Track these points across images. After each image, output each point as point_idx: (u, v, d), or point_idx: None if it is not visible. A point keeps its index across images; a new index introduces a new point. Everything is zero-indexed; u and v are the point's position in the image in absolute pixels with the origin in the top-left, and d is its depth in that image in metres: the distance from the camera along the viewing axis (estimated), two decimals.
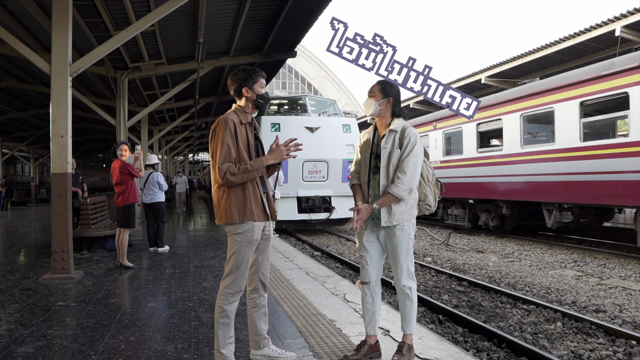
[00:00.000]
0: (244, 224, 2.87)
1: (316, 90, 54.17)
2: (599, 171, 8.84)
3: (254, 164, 2.86)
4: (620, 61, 8.71)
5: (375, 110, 3.06)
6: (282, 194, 10.81)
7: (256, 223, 2.90)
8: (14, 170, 29.82)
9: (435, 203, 3.18)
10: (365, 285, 3.12)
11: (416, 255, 9.98)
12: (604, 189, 8.83)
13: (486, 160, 12.22)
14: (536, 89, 10.54)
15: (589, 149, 9.09)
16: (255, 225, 2.90)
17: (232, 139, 2.86)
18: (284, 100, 14.61)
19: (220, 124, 2.88)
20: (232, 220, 2.86)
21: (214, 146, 2.88)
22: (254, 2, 8.48)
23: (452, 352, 3.32)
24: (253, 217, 2.88)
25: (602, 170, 8.80)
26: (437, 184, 3.21)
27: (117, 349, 3.38)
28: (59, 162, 5.92)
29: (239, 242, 2.88)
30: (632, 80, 8.19)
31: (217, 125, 2.90)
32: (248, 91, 2.97)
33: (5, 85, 12.70)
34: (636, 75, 8.15)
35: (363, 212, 2.96)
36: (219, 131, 2.86)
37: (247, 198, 2.88)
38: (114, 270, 6.45)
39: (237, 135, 2.89)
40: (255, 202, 2.91)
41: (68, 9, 5.86)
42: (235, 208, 2.86)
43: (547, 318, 5.35)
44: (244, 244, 2.88)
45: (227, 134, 2.85)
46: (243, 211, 2.86)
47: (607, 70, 8.78)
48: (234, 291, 2.88)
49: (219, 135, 2.85)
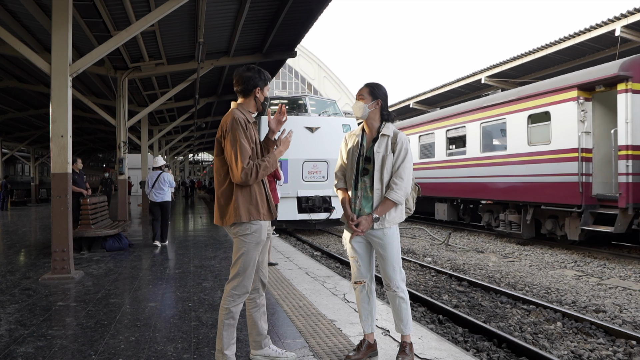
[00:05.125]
0: (252, 225, 2.85)
1: (316, 90, 54.16)
2: (539, 173, 10.33)
3: (269, 159, 2.86)
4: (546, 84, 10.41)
5: (365, 113, 3.08)
6: (282, 194, 10.80)
7: (263, 223, 2.90)
8: (14, 170, 29.81)
9: (414, 206, 3.24)
10: (360, 285, 3.15)
11: (416, 255, 9.98)
12: (544, 190, 10.19)
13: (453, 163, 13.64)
14: (494, 101, 11.92)
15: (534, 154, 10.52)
16: (262, 225, 2.90)
17: (247, 137, 2.84)
18: (284, 100, 14.60)
19: (234, 123, 2.81)
20: (242, 220, 2.82)
21: (231, 146, 2.79)
22: (254, 2, 8.48)
23: (452, 352, 3.32)
24: (260, 217, 2.87)
25: (540, 173, 10.31)
26: (415, 188, 3.26)
27: (117, 349, 3.38)
28: (59, 162, 5.92)
29: (247, 243, 2.85)
30: (552, 100, 9.95)
31: (231, 125, 2.81)
32: (260, 92, 2.96)
33: (5, 85, 12.70)
34: (555, 96, 9.86)
35: (364, 224, 2.99)
36: (236, 131, 2.79)
37: (255, 197, 2.87)
38: (114, 270, 6.45)
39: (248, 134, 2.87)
40: (261, 202, 2.91)
41: (68, 9, 5.86)
42: (245, 208, 2.83)
43: (547, 318, 5.35)
44: (252, 244, 2.86)
45: (243, 133, 2.81)
46: (254, 211, 2.85)
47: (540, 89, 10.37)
48: (241, 292, 2.86)
49: (237, 134, 2.79)
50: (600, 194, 9.27)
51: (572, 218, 9.75)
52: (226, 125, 2.84)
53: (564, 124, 9.66)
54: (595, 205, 9.29)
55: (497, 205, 12.03)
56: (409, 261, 8.93)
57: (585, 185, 9.22)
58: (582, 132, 9.27)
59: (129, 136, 14.53)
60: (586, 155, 9.28)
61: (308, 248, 11.06)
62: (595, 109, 9.44)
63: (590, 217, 9.30)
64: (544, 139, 10.28)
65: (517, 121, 10.97)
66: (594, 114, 9.41)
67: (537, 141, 10.48)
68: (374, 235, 3.02)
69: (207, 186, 40.39)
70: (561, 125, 9.73)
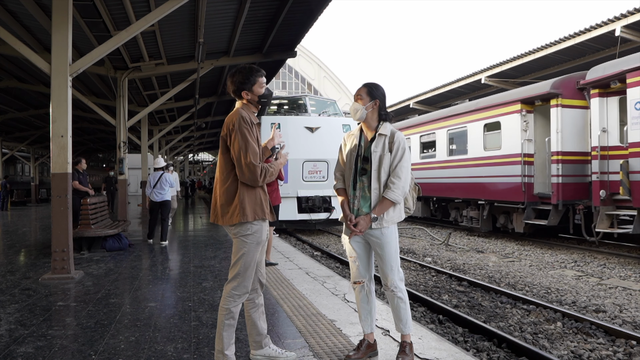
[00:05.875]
0: (254, 225, 2.85)
1: (316, 90, 54.16)
2: (493, 175, 11.99)
3: (275, 167, 2.91)
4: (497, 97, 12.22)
5: (363, 114, 3.08)
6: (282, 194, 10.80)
7: (264, 223, 2.92)
8: (14, 170, 29.81)
9: (414, 206, 3.24)
10: (359, 285, 3.15)
11: (416, 255, 9.98)
12: (497, 189, 11.83)
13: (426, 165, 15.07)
14: (458, 111, 13.59)
15: (488, 158, 12.19)
16: (263, 225, 2.91)
17: (253, 136, 2.84)
18: (284, 100, 14.60)
19: (242, 121, 2.80)
20: (246, 219, 2.81)
21: (239, 144, 2.77)
22: (254, 2, 8.48)
23: (452, 352, 3.32)
24: (264, 216, 2.89)
25: (494, 174, 11.96)
26: (414, 187, 3.27)
27: (117, 349, 3.38)
28: (59, 162, 5.92)
29: (249, 244, 2.85)
30: (502, 112, 11.66)
31: (238, 123, 2.80)
32: (248, 94, 2.93)
33: (5, 85, 12.70)
34: (504, 109, 11.54)
35: (363, 224, 2.99)
36: (244, 129, 2.79)
37: (259, 197, 2.88)
38: (114, 270, 6.45)
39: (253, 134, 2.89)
40: (265, 202, 2.93)
41: (68, 9, 5.86)
42: (250, 207, 2.83)
43: (547, 318, 5.35)
44: (253, 244, 2.86)
45: (251, 132, 2.81)
46: (259, 210, 2.86)
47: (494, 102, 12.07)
48: (241, 292, 2.86)
49: (245, 132, 2.78)
50: (541, 193, 10.77)
51: (518, 213, 11.31)
52: (232, 124, 2.83)
53: (511, 132, 11.25)
54: (536, 202, 10.86)
55: (462, 203, 13.54)
56: (409, 261, 8.93)
57: (528, 185, 10.80)
58: (524, 139, 10.86)
59: (129, 136, 14.53)
60: (528, 159, 10.87)
61: (308, 248, 11.06)
62: (536, 120, 11.08)
63: (532, 212, 10.92)
64: (496, 145, 11.87)
65: (475, 129, 12.62)
66: (536, 124, 11.05)
67: (491, 147, 12.10)
68: (372, 235, 3.03)
69: (207, 186, 40.39)
70: (509, 133, 11.32)
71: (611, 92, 9.32)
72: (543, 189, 10.85)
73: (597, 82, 9.37)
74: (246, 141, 2.77)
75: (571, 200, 10.14)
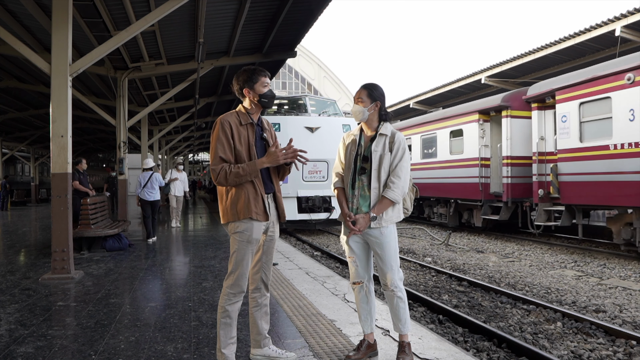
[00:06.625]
0: (242, 223, 2.89)
1: (316, 90, 54.15)
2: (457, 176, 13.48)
3: (246, 168, 2.86)
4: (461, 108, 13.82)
5: (365, 117, 3.11)
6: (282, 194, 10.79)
7: (255, 222, 2.91)
8: (14, 170, 29.80)
9: (411, 207, 3.27)
10: (358, 285, 3.15)
11: (416, 255, 9.98)
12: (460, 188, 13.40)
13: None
14: (429, 119, 15.36)
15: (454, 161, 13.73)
16: (254, 225, 2.90)
17: (228, 140, 2.88)
18: (284, 100, 14.60)
19: (215, 125, 2.93)
20: (232, 219, 2.91)
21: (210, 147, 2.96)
22: (254, 2, 8.47)
23: (452, 352, 3.32)
24: (251, 215, 2.88)
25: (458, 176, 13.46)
26: (412, 188, 3.29)
27: (117, 349, 3.38)
28: (59, 162, 5.92)
29: (239, 241, 2.90)
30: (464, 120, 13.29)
31: (213, 127, 2.96)
32: (249, 92, 2.98)
33: (5, 85, 12.69)
34: (465, 118, 13.16)
35: (362, 223, 3.00)
36: (214, 133, 2.93)
37: (246, 197, 2.89)
38: (114, 270, 6.45)
39: (235, 137, 2.90)
40: (255, 202, 2.91)
41: (68, 9, 5.86)
42: (235, 206, 2.90)
43: (547, 318, 5.35)
44: (243, 242, 2.89)
45: (222, 135, 2.88)
46: (241, 209, 2.88)
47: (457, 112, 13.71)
48: (236, 291, 2.89)
49: (214, 137, 2.92)
50: (496, 192, 12.30)
51: (477, 210, 12.93)
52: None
53: (471, 139, 12.85)
54: (492, 200, 12.41)
55: (434, 201, 15.15)
56: (409, 261, 8.93)
57: (485, 185, 12.41)
58: (482, 145, 12.51)
59: (129, 136, 14.52)
60: (485, 162, 12.48)
61: (308, 248, 11.06)
62: (492, 128, 12.66)
63: (489, 209, 12.51)
64: (459, 150, 13.42)
65: (443, 135, 14.26)
66: (492, 132, 12.64)
67: (455, 151, 13.65)
68: (371, 234, 3.03)
69: (207, 186, 40.37)
70: (469, 140, 12.91)
71: (547, 106, 10.83)
72: (498, 188, 12.31)
73: (536, 97, 10.88)
74: (213, 146, 2.91)
75: (519, 198, 11.65)
